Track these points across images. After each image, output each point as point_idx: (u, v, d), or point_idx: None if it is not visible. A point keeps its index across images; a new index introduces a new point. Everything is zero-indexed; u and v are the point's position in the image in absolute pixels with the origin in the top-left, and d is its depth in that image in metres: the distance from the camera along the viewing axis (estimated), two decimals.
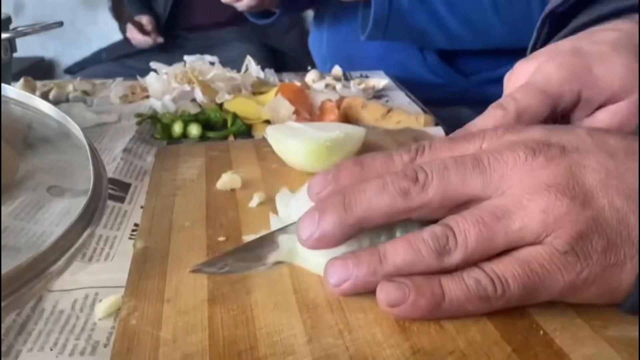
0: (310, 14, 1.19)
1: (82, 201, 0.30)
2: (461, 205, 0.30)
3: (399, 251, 0.29)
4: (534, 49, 0.46)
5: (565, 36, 0.41)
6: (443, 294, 0.29)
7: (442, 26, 0.88)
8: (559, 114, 0.38)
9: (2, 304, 0.23)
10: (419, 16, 0.87)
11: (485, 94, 0.99)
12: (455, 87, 0.99)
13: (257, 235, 0.37)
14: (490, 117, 0.37)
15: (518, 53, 0.99)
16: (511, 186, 0.29)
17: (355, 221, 0.30)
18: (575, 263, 0.28)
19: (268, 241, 0.35)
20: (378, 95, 0.85)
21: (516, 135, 0.32)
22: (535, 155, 0.29)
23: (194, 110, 0.73)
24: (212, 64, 0.87)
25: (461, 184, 0.30)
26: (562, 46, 0.39)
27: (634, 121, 0.37)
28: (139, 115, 0.73)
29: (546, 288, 0.28)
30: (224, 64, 0.87)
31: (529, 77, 0.38)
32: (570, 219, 0.28)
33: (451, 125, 0.65)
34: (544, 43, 0.45)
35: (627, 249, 0.28)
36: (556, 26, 0.44)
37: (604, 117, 0.37)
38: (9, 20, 0.64)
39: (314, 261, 0.34)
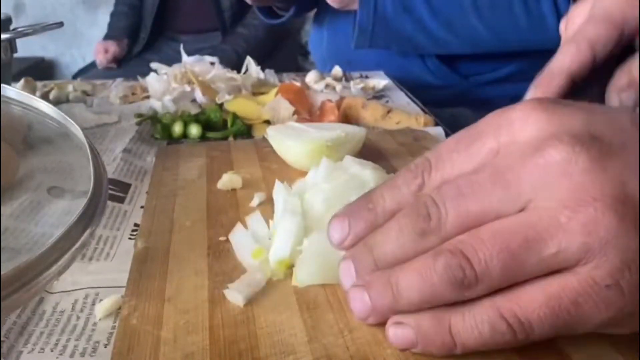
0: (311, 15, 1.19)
1: (82, 202, 0.30)
2: None
3: (414, 286, 0.26)
4: None
5: None
6: (454, 342, 0.25)
7: (426, 32, 0.88)
8: (626, 41, 0.37)
9: (2, 304, 0.23)
10: (404, 23, 0.88)
11: (485, 95, 0.99)
12: (456, 89, 0.99)
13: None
14: (565, 54, 0.36)
15: (517, 55, 0.99)
16: (545, 197, 0.24)
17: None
18: (618, 298, 0.23)
19: None
20: (378, 95, 0.85)
21: (548, 122, 0.25)
22: (575, 154, 0.24)
23: (194, 110, 0.73)
24: (212, 64, 0.87)
25: (481, 210, 0.25)
26: None
27: None
28: (139, 115, 0.73)
29: (579, 325, 0.24)
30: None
31: (588, 13, 0.38)
32: (618, 243, 0.22)
33: (451, 125, 0.65)
34: None
35: None
36: None
37: None
38: (9, 20, 0.64)
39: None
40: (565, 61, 0.36)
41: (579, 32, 0.37)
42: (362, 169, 0.40)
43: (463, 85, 0.99)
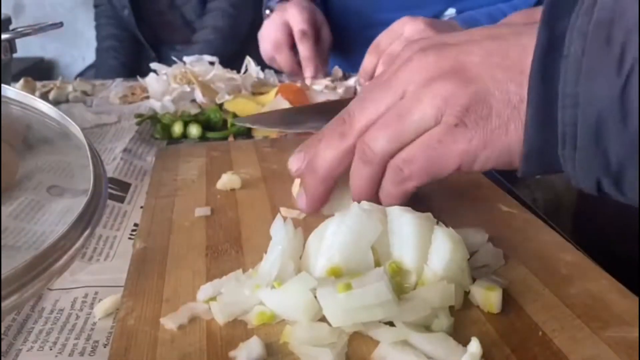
0: None
1: (82, 201, 0.30)
2: None
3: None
4: None
5: None
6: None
7: None
8: None
9: (2, 303, 0.23)
10: None
11: None
12: None
13: (259, 236, 0.37)
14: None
15: None
16: (410, 86, 0.34)
17: (324, 175, 0.37)
18: (465, 132, 0.32)
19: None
20: None
21: (417, 44, 0.36)
22: (426, 54, 0.34)
23: (194, 110, 0.73)
24: (211, 64, 0.87)
25: (376, 105, 0.35)
26: None
27: None
28: (138, 115, 0.73)
29: (445, 159, 0.33)
30: None
31: None
32: (456, 96, 0.32)
33: None
34: None
35: (508, 111, 0.31)
36: None
37: None
38: (8, 21, 0.64)
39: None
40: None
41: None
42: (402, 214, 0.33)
43: None
